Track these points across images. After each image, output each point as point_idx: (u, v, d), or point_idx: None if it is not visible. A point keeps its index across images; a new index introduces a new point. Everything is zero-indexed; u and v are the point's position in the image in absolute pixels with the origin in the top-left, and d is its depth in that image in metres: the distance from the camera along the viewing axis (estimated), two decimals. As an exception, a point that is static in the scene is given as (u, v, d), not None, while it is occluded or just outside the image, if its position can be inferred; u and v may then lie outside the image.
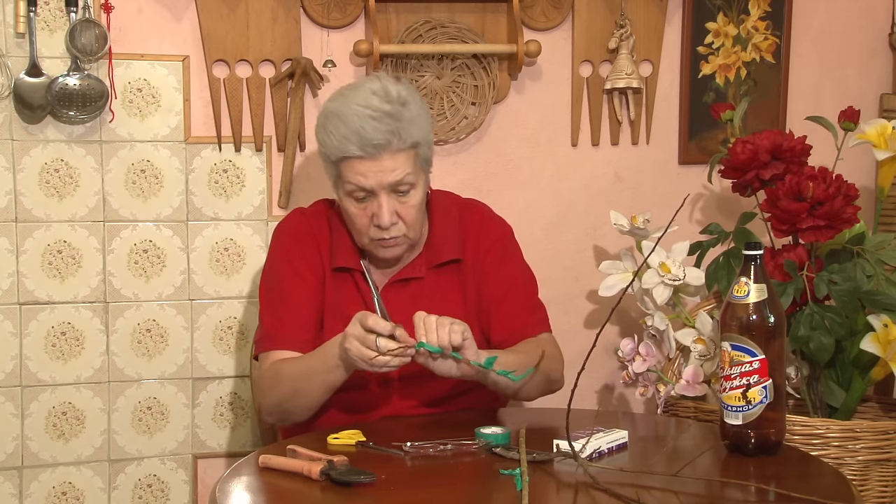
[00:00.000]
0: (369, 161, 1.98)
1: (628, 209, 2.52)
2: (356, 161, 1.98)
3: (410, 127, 1.99)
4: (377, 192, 2.00)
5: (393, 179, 1.99)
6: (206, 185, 2.55)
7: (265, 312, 2.13)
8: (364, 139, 1.96)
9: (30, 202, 2.45)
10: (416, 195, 2.04)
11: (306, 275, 2.12)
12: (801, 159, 2.29)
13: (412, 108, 2.01)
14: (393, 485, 1.65)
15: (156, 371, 2.56)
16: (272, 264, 2.17)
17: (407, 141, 1.99)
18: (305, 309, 2.10)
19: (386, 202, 2.00)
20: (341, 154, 1.99)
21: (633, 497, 1.57)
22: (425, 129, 2.05)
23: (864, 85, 2.93)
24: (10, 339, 2.46)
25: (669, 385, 2.26)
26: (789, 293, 2.17)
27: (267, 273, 2.18)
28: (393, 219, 2.01)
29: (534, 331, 2.13)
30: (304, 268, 2.12)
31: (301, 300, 2.10)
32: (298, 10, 2.54)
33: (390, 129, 1.96)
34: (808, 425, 2.11)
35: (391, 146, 1.97)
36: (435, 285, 2.13)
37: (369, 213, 2.02)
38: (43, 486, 2.51)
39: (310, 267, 2.13)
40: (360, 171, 1.99)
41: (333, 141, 2.00)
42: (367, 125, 1.96)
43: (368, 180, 1.99)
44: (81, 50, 2.39)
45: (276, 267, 2.16)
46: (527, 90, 2.72)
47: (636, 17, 2.72)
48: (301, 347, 2.07)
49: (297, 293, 2.11)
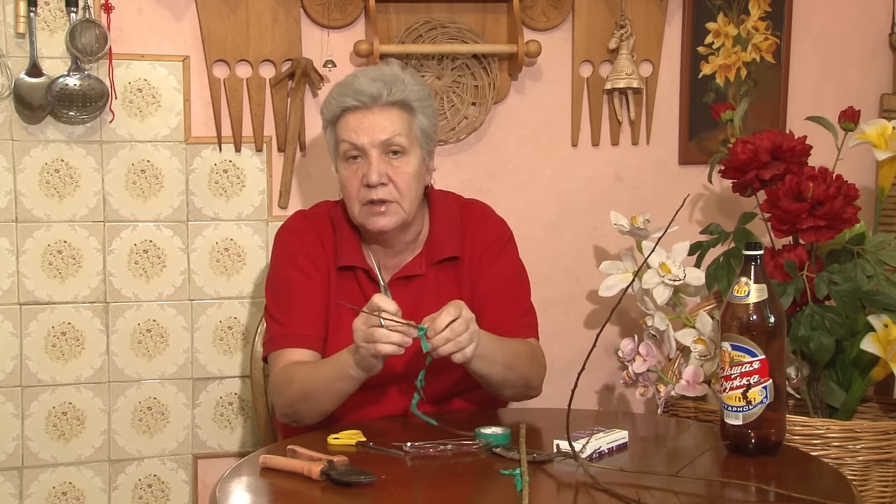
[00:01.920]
0: (362, 114, 2.07)
1: (628, 209, 2.52)
2: (350, 115, 2.08)
3: (403, 88, 2.08)
4: (368, 150, 2.06)
5: (384, 137, 2.06)
6: (207, 186, 2.55)
7: (274, 312, 2.14)
8: (359, 91, 2.07)
9: (30, 202, 2.45)
10: (410, 163, 2.08)
11: (312, 273, 2.13)
12: (801, 159, 2.29)
13: (410, 80, 2.11)
14: (393, 485, 1.65)
15: (156, 371, 2.56)
16: (278, 265, 2.18)
17: (398, 94, 2.07)
18: (314, 306, 2.11)
19: (376, 160, 2.06)
20: (338, 108, 2.09)
21: (633, 497, 1.57)
22: (422, 99, 2.12)
23: (865, 85, 2.93)
24: (10, 340, 2.46)
25: (670, 385, 2.26)
26: (789, 293, 2.17)
27: (273, 274, 2.19)
28: (382, 178, 2.05)
29: (521, 334, 2.13)
30: (310, 266, 2.13)
31: (309, 298, 2.11)
32: (298, 10, 2.54)
33: (384, 83, 2.07)
34: (809, 425, 2.11)
35: (382, 97, 2.06)
36: (436, 282, 2.14)
37: (360, 175, 2.07)
38: (43, 487, 2.51)
39: (315, 266, 2.14)
40: (352, 125, 2.07)
41: (333, 102, 2.11)
42: (363, 82, 2.08)
43: (360, 137, 2.06)
44: (82, 50, 2.39)
45: (281, 267, 2.16)
46: (527, 90, 2.72)
47: (636, 17, 2.72)
48: (312, 345, 2.08)
49: (305, 291, 2.12)
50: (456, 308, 1.86)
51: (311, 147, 2.59)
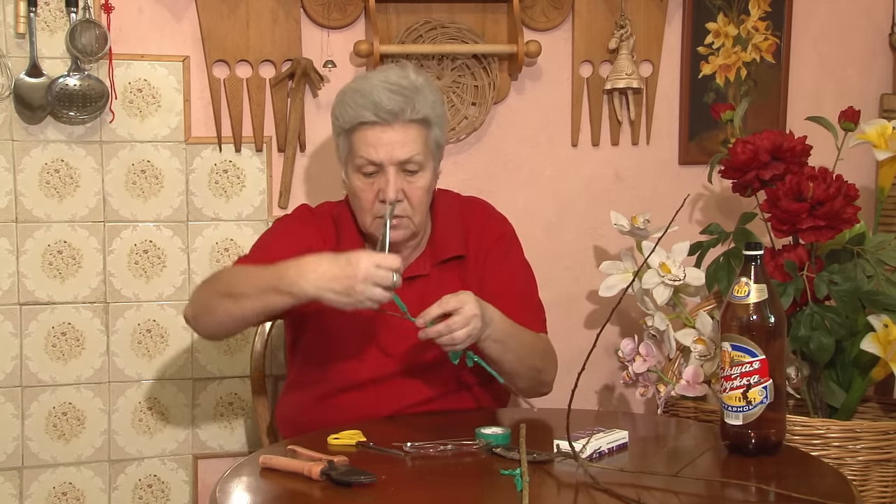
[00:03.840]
0: (381, 130, 2.03)
1: (628, 209, 2.52)
2: (368, 129, 2.03)
3: (424, 102, 2.05)
4: (385, 166, 2.04)
5: (402, 156, 2.03)
6: (207, 186, 2.55)
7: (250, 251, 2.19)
8: (379, 105, 2.02)
9: (30, 202, 2.45)
10: (424, 178, 2.07)
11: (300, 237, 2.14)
12: (801, 159, 2.29)
13: (428, 90, 2.08)
14: (393, 485, 1.65)
15: (156, 371, 2.56)
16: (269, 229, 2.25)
17: (419, 112, 2.04)
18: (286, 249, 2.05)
19: (394, 178, 2.04)
20: (356, 120, 2.05)
21: (633, 497, 1.57)
22: (439, 113, 2.10)
23: (865, 85, 2.93)
24: (10, 340, 2.46)
25: (670, 385, 2.26)
26: (789, 293, 2.17)
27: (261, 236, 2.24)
28: (399, 196, 2.04)
29: (532, 329, 2.13)
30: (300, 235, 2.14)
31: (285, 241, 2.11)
32: (299, 10, 2.54)
33: (405, 98, 2.03)
34: (809, 425, 2.11)
35: (404, 114, 2.03)
36: (440, 282, 2.14)
37: (375, 189, 2.06)
38: (43, 487, 2.51)
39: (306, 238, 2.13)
40: (371, 141, 2.03)
41: (349, 111, 2.06)
42: (383, 95, 2.03)
43: (379, 153, 2.03)
44: (82, 50, 2.39)
45: (272, 228, 2.24)
46: (527, 90, 2.72)
47: (636, 17, 2.72)
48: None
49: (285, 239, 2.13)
50: (458, 300, 1.88)
51: (311, 147, 2.59)
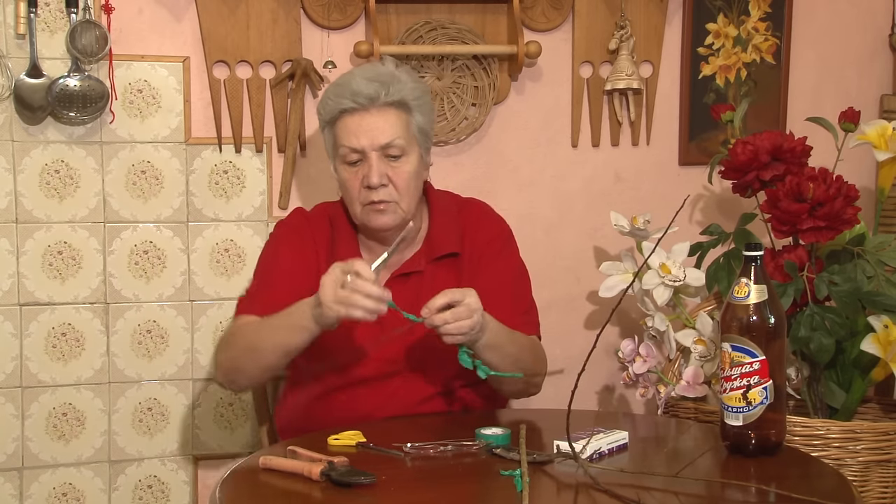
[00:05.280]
0: (360, 116, 2.08)
1: (629, 210, 2.52)
2: (348, 116, 2.09)
3: (401, 87, 2.10)
4: (368, 153, 2.08)
5: (383, 141, 2.08)
6: (207, 186, 2.55)
7: (250, 286, 2.22)
8: (356, 92, 2.08)
9: (30, 203, 2.45)
10: (409, 163, 2.11)
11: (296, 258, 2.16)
12: (801, 160, 2.29)
13: (406, 77, 2.13)
14: (393, 486, 1.65)
15: (156, 372, 2.56)
16: (265, 248, 2.26)
17: (395, 95, 2.09)
18: (287, 281, 2.12)
19: (376, 163, 2.08)
20: (336, 109, 2.10)
21: (633, 498, 1.57)
22: (420, 99, 2.13)
23: (865, 86, 2.93)
24: (10, 340, 2.46)
25: (670, 386, 2.26)
26: (790, 294, 2.17)
27: (260, 257, 2.26)
28: (383, 180, 2.08)
29: (524, 331, 2.13)
30: (296, 255, 2.17)
31: (284, 273, 2.15)
32: (299, 11, 2.55)
33: (380, 84, 2.09)
34: (809, 426, 2.11)
35: (379, 98, 2.08)
36: (434, 278, 2.15)
37: (360, 177, 2.10)
38: (43, 487, 2.51)
39: (302, 257, 2.16)
40: (352, 128, 2.09)
41: (330, 103, 2.13)
42: (360, 83, 2.09)
43: (360, 140, 2.08)
44: (82, 51, 2.39)
45: (268, 249, 2.24)
46: (527, 91, 2.72)
47: (636, 18, 2.72)
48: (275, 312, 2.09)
49: (283, 267, 2.16)
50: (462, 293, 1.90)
51: (311, 148, 2.59)
